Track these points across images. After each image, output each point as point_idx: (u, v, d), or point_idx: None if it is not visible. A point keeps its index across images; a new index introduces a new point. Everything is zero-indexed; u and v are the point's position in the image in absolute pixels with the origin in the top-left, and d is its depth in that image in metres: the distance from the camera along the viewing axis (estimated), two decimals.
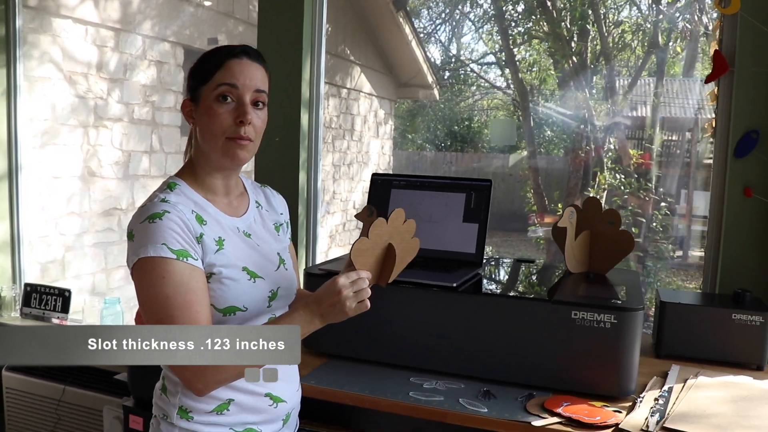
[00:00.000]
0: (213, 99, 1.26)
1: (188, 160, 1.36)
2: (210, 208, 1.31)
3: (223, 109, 1.26)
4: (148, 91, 4.39)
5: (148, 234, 1.20)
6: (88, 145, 3.94)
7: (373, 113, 8.33)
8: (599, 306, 1.55)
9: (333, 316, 1.23)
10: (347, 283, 1.22)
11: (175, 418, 1.30)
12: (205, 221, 1.28)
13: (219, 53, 1.29)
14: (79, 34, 3.79)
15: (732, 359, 1.79)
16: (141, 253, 1.18)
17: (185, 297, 1.18)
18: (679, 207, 6.94)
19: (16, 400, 2.83)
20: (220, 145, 1.27)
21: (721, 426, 1.37)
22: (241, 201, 1.40)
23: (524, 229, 7.93)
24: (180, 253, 1.20)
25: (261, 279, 1.31)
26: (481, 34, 10.19)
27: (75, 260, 3.92)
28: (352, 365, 1.75)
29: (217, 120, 1.26)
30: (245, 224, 1.36)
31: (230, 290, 1.26)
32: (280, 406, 1.36)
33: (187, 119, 1.32)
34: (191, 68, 1.33)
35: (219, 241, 1.28)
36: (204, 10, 4.84)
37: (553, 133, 8.90)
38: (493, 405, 1.52)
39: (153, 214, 1.21)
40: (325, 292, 1.23)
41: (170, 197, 1.27)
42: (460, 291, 1.67)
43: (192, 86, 1.30)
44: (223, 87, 1.26)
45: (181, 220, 1.22)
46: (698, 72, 7.31)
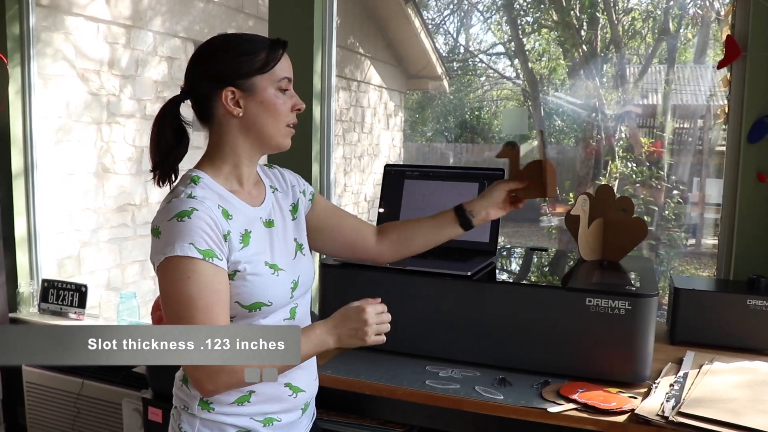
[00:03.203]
0: (275, 89, 1.29)
1: (207, 155, 1.35)
2: (234, 200, 1.31)
3: (284, 99, 1.30)
4: (160, 87, 4.42)
5: (176, 232, 1.19)
6: (102, 141, 3.97)
7: (383, 105, 8.33)
8: (614, 293, 1.55)
9: (350, 340, 1.25)
10: (374, 314, 1.24)
11: (196, 409, 1.32)
12: (231, 215, 1.27)
13: (272, 45, 1.30)
14: (91, 32, 3.81)
15: (747, 345, 1.79)
16: (168, 252, 1.18)
17: (208, 299, 1.18)
18: (692, 195, 6.90)
19: (37, 395, 2.87)
20: (282, 132, 1.32)
21: (736, 411, 1.37)
22: (259, 189, 1.40)
23: (535, 219, 7.91)
24: (206, 254, 1.19)
25: (282, 271, 1.32)
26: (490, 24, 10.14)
27: (90, 256, 3.95)
28: (368, 354, 1.76)
29: (283, 109, 1.30)
30: (266, 212, 1.37)
31: (255, 286, 1.26)
32: (299, 395, 1.37)
33: (230, 109, 1.29)
34: (227, 55, 1.29)
35: (244, 235, 1.28)
36: (214, 5, 4.85)
37: (563, 123, 8.85)
38: (509, 392, 1.53)
39: (181, 211, 1.20)
40: (348, 317, 1.25)
41: (196, 192, 1.25)
42: (475, 279, 1.68)
43: (239, 74, 1.27)
44: (284, 81, 1.30)
45: (209, 217, 1.21)
46: (709, 58, 7.25)
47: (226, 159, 1.33)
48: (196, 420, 1.32)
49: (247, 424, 1.32)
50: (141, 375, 2.49)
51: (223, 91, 1.28)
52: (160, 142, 1.31)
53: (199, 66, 1.31)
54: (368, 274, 1.74)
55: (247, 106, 1.29)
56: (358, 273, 1.78)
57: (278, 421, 1.35)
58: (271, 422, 1.34)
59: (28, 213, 3.04)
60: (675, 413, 1.37)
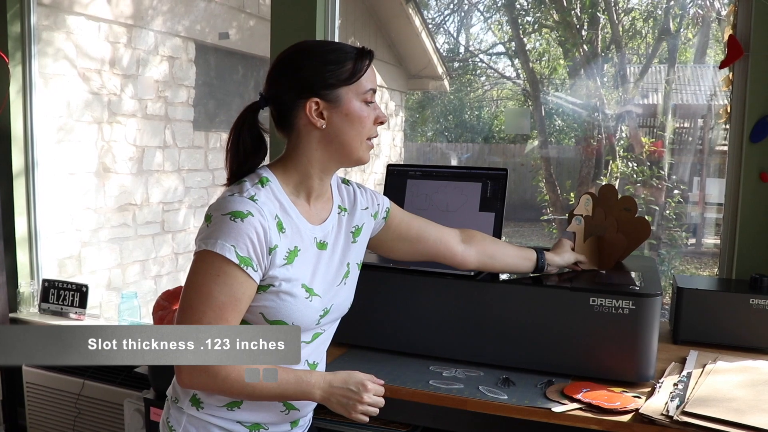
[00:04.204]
0: (361, 101, 1.27)
1: (282, 159, 1.32)
2: (294, 212, 1.29)
3: (368, 112, 1.28)
4: (161, 86, 4.41)
5: (225, 229, 1.18)
6: (103, 141, 3.97)
7: (383, 105, 8.33)
8: (617, 292, 1.55)
9: (337, 405, 1.25)
10: (372, 393, 1.25)
11: (186, 404, 1.33)
12: (285, 229, 1.25)
13: (358, 55, 1.28)
14: (92, 31, 3.81)
15: (750, 344, 1.79)
16: (210, 245, 1.18)
17: (226, 301, 1.18)
18: (692, 194, 6.89)
19: (37, 395, 2.87)
20: (364, 146, 1.30)
21: (741, 410, 1.37)
22: (325, 207, 1.37)
23: (536, 219, 7.90)
24: (244, 261, 1.18)
25: (318, 297, 1.30)
26: (491, 24, 10.14)
27: (91, 256, 3.95)
28: (372, 355, 1.76)
29: (367, 121, 1.29)
30: (323, 233, 1.34)
31: (285, 306, 1.25)
32: (291, 413, 1.36)
33: (314, 120, 1.26)
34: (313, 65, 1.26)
35: (291, 253, 1.26)
36: (215, 4, 4.84)
37: (564, 123, 8.84)
38: (513, 392, 1.53)
39: (237, 211, 1.19)
40: (348, 384, 1.25)
41: (260, 195, 1.24)
42: (479, 279, 1.68)
43: (325, 85, 1.25)
44: (370, 92, 1.28)
45: (261, 226, 1.20)
46: (710, 58, 7.24)
47: (299, 169, 1.30)
48: (183, 416, 1.33)
49: (233, 428, 1.31)
50: (143, 375, 2.49)
51: (307, 102, 1.25)
52: (239, 149, 1.29)
53: (284, 74, 1.28)
54: (373, 274, 1.73)
55: (330, 118, 1.26)
56: (363, 273, 1.77)
57: (265, 429, 1.34)
58: (257, 428, 1.33)
59: (28, 212, 3.04)
60: (679, 413, 1.36)
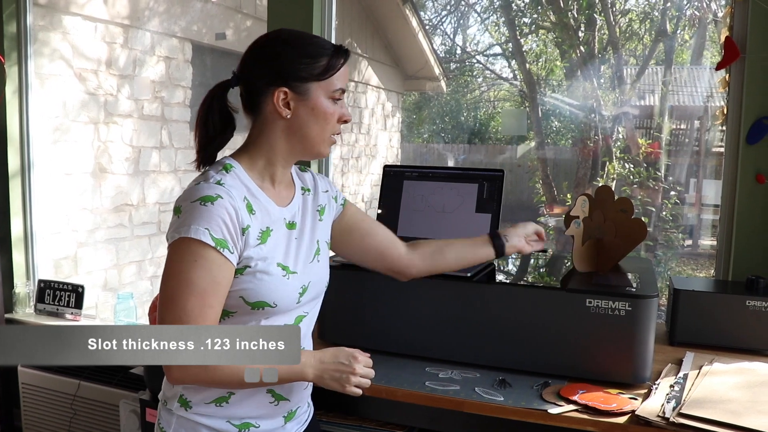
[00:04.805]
0: (328, 98, 1.30)
1: (245, 146, 1.35)
2: (261, 195, 1.31)
3: (335, 109, 1.31)
4: (157, 86, 4.40)
5: (196, 215, 1.19)
6: (99, 141, 3.96)
7: (380, 106, 8.33)
8: (614, 294, 1.55)
9: (331, 381, 1.25)
10: (363, 364, 1.25)
11: (174, 405, 1.32)
12: (255, 211, 1.27)
13: (334, 53, 1.31)
14: (88, 31, 3.80)
15: (746, 346, 1.79)
16: (183, 232, 1.18)
17: (207, 286, 1.19)
18: (689, 196, 6.90)
19: (33, 396, 2.86)
20: (326, 140, 1.33)
21: (736, 411, 1.37)
22: (289, 190, 1.40)
23: (533, 220, 7.91)
24: (219, 243, 1.19)
25: (294, 274, 1.31)
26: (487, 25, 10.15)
27: (87, 256, 3.94)
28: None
29: (332, 118, 1.32)
30: (290, 213, 1.36)
31: (263, 285, 1.26)
32: (281, 403, 1.35)
33: (279, 109, 1.28)
34: (288, 56, 1.28)
35: (264, 233, 1.28)
36: (212, 5, 4.84)
37: (560, 124, 8.85)
38: (509, 393, 1.53)
39: (206, 196, 1.21)
40: (338, 358, 1.25)
41: (226, 180, 1.26)
42: (475, 281, 1.68)
43: (296, 76, 1.27)
44: (339, 91, 1.31)
45: (232, 207, 1.21)
46: (707, 59, 7.26)
47: (263, 154, 1.32)
48: (173, 418, 1.32)
49: (222, 427, 1.31)
50: (138, 376, 2.48)
51: (276, 90, 1.27)
52: (207, 126, 1.31)
53: (259, 58, 1.30)
54: (369, 275, 1.72)
55: (296, 110, 1.29)
56: (358, 274, 1.77)
57: (256, 427, 1.33)
58: (247, 427, 1.32)
59: (24, 213, 3.03)
60: (675, 414, 1.37)
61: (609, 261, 1.87)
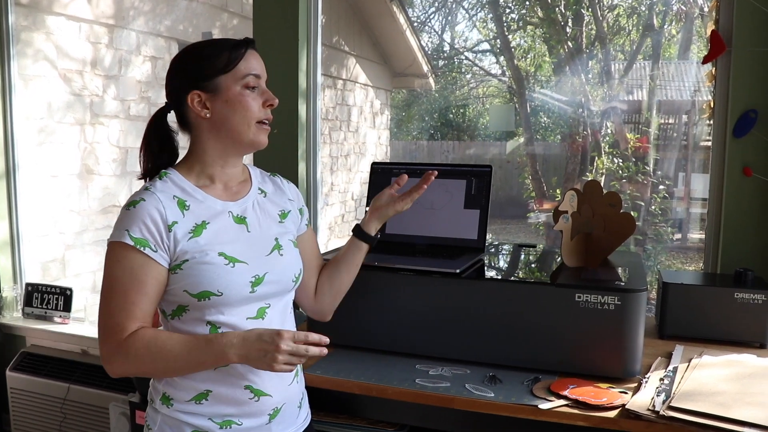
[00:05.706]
0: (241, 87, 1.33)
1: (185, 156, 1.40)
2: (199, 193, 1.35)
3: (252, 97, 1.34)
4: (144, 87, 4.38)
5: (121, 219, 1.28)
6: (85, 142, 3.93)
7: (369, 104, 8.32)
8: (603, 288, 1.55)
9: (257, 362, 1.21)
10: (289, 341, 1.19)
11: (158, 404, 1.35)
12: (188, 206, 1.31)
13: (235, 45, 1.34)
14: (72, 31, 3.77)
15: (735, 338, 1.80)
16: (111, 237, 1.28)
17: (128, 284, 1.25)
18: (677, 190, 6.94)
19: (22, 400, 2.84)
20: (252, 130, 1.35)
21: (726, 404, 1.37)
22: (243, 187, 1.43)
23: (523, 216, 7.93)
24: (139, 242, 1.25)
25: (242, 264, 1.31)
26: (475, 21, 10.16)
27: (75, 258, 3.91)
28: (358, 354, 1.75)
29: (251, 106, 1.34)
30: (240, 208, 1.38)
31: (204, 275, 1.27)
32: (262, 399, 1.33)
33: (198, 111, 1.34)
34: (190, 61, 1.36)
35: (198, 227, 1.30)
36: (197, 3, 4.81)
37: (549, 119, 8.88)
38: (500, 389, 1.53)
39: (131, 201, 1.29)
40: (261, 337, 1.21)
41: (155, 185, 1.33)
42: (464, 277, 1.67)
43: (202, 77, 1.32)
44: (251, 77, 1.34)
45: (155, 208, 1.27)
46: (694, 54, 7.30)
47: (197, 158, 1.38)
48: (158, 416, 1.34)
49: (204, 425, 1.31)
50: (128, 378, 2.47)
51: (188, 96, 1.33)
52: (149, 148, 1.39)
53: (170, 77, 1.38)
54: (358, 273, 1.72)
55: (213, 107, 1.34)
56: None
57: (238, 425, 1.32)
58: (229, 425, 1.32)
59: (10, 216, 3.01)
60: (665, 407, 1.37)
61: (598, 255, 1.87)
